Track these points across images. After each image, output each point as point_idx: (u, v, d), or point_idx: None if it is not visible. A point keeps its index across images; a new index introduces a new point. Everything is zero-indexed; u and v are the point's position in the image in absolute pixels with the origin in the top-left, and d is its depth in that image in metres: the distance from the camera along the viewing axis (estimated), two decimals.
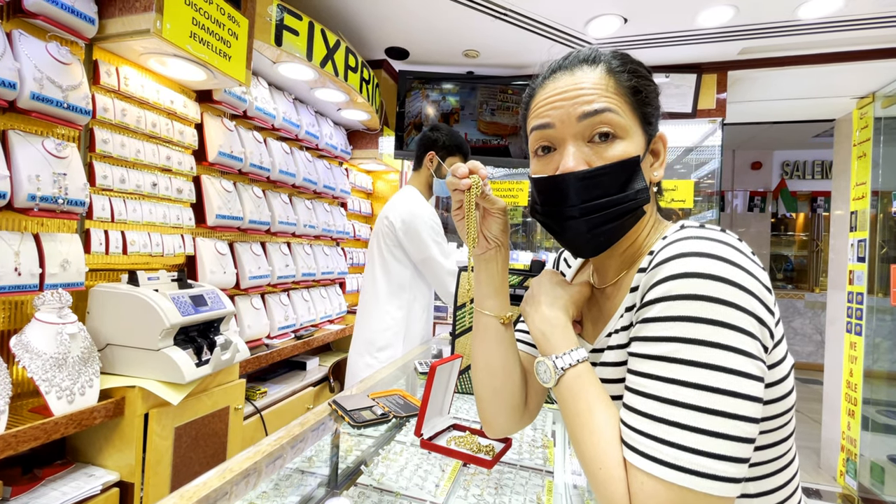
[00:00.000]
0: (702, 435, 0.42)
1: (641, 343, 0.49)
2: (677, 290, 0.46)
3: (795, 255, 6.31)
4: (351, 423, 0.97)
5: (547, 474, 1.04)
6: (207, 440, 1.60)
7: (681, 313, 0.45)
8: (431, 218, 1.82)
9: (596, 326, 0.65)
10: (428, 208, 1.85)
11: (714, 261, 0.46)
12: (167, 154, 1.74)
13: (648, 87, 0.59)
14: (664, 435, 0.44)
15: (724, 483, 0.42)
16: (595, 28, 2.44)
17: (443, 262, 1.80)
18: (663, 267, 0.48)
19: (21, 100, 1.24)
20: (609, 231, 0.57)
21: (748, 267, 0.46)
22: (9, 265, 1.22)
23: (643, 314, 0.49)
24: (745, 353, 0.44)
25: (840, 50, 2.53)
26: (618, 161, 0.55)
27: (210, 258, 1.93)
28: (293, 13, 2.02)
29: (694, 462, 0.42)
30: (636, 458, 0.45)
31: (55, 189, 1.31)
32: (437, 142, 1.89)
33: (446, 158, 1.89)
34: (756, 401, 0.43)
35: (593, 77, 0.57)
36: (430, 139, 1.90)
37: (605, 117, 0.55)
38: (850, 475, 2.80)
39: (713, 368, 0.43)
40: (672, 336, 0.46)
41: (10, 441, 1.09)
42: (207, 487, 0.69)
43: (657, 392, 0.45)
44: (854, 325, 2.83)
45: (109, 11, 1.43)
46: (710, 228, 0.51)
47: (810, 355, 5.80)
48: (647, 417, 0.46)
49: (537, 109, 0.60)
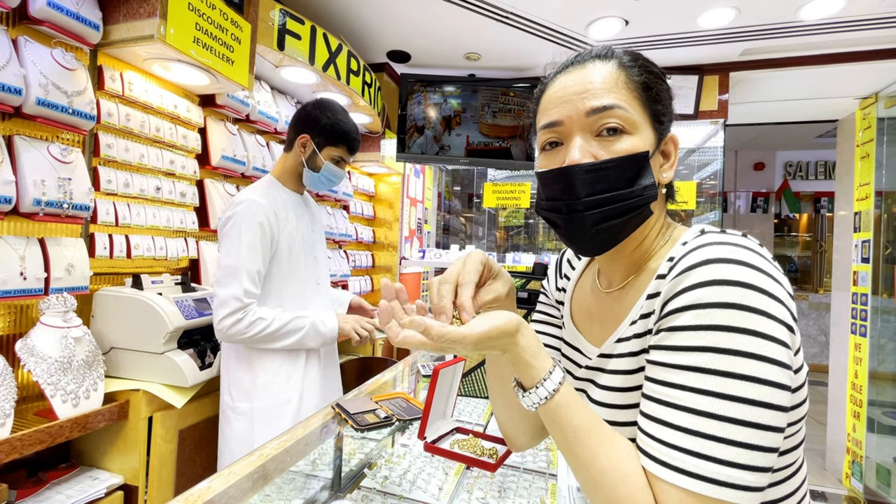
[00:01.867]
0: (736, 447, 0.42)
1: (669, 352, 0.47)
2: (707, 297, 0.45)
3: (799, 256, 6.28)
4: (354, 427, 0.97)
5: (550, 477, 1.04)
6: (211, 443, 1.60)
7: (712, 322, 0.44)
8: (264, 216, 1.38)
9: (603, 331, 0.63)
10: (269, 203, 1.41)
11: (743, 268, 0.44)
12: (171, 158, 1.75)
13: (660, 84, 0.58)
14: (700, 448, 0.43)
15: (749, 493, 0.42)
16: (596, 30, 2.44)
17: (233, 283, 1.33)
18: (689, 274, 0.47)
19: (27, 105, 1.25)
20: (613, 227, 0.55)
21: (775, 274, 0.46)
22: (14, 269, 1.23)
23: (669, 322, 0.47)
24: (778, 362, 0.43)
25: (842, 51, 2.52)
26: (626, 155, 0.54)
27: (213, 262, 1.94)
28: (295, 17, 2.03)
29: (725, 474, 0.42)
30: (667, 473, 0.44)
31: (60, 194, 1.32)
32: (316, 122, 1.47)
33: (324, 148, 1.49)
34: (785, 410, 0.43)
35: (604, 72, 0.56)
36: (308, 117, 1.48)
37: (614, 112, 0.54)
38: (856, 477, 2.78)
39: (749, 379, 0.42)
40: (705, 346, 0.44)
41: (16, 444, 1.09)
42: (212, 491, 0.69)
43: (692, 404, 0.44)
44: (858, 326, 2.82)
45: (114, 17, 1.44)
46: (732, 233, 0.50)
47: (815, 357, 5.78)
48: (680, 430, 0.44)
49: (547, 105, 0.59)
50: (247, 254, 1.35)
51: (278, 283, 1.46)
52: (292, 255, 1.47)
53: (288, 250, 1.46)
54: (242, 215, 1.37)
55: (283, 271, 1.47)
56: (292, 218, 1.48)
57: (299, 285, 1.51)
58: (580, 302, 0.71)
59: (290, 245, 1.46)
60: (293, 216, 1.49)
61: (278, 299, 1.47)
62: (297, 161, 1.51)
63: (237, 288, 1.34)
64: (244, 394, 1.42)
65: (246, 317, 1.34)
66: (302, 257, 1.52)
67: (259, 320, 1.35)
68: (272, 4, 1.94)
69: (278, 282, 1.46)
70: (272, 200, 1.43)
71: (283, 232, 1.44)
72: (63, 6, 1.29)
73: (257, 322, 1.35)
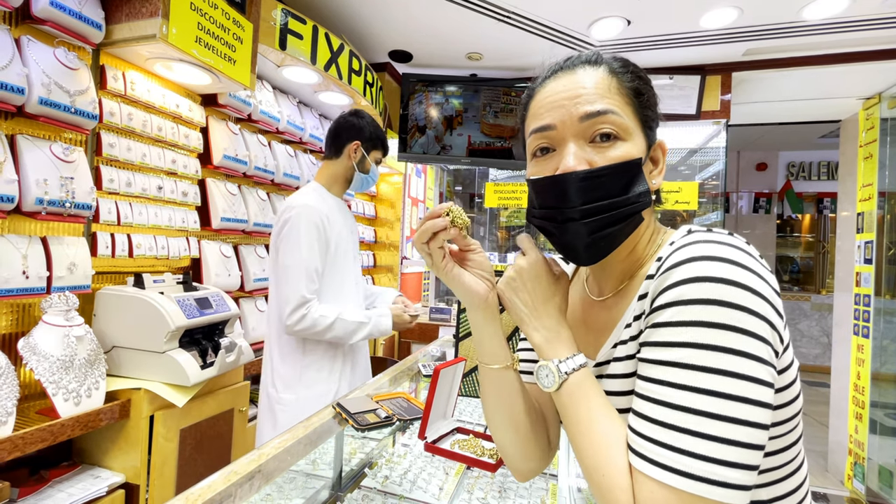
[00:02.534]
0: (714, 442, 0.42)
1: (652, 348, 0.48)
2: (689, 294, 0.45)
3: (801, 257, 6.27)
4: (355, 426, 0.97)
5: (551, 478, 1.04)
6: (212, 442, 1.61)
7: (693, 318, 0.44)
8: (318, 220, 1.48)
9: (598, 339, 0.63)
10: (322, 207, 1.52)
11: (726, 264, 0.45)
12: (172, 157, 1.76)
13: (649, 90, 0.59)
14: (675, 442, 0.43)
15: (734, 490, 0.41)
16: (598, 30, 2.44)
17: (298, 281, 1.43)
18: (674, 271, 0.47)
19: (29, 105, 1.25)
20: (609, 235, 0.56)
21: (759, 271, 0.46)
22: (16, 268, 1.23)
23: (653, 319, 0.48)
24: (758, 358, 0.43)
25: (846, 51, 2.51)
26: (621, 162, 0.54)
27: (215, 261, 1.94)
28: (297, 17, 2.03)
29: (705, 469, 0.42)
30: (644, 465, 0.45)
31: (62, 193, 1.32)
32: (361, 130, 1.61)
33: (370, 152, 1.64)
34: (767, 407, 0.43)
35: (595, 77, 0.56)
36: (354, 126, 1.61)
37: (608, 118, 0.54)
38: (858, 479, 2.77)
39: (727, 374, 0.43)
40: (684, 341, 0.45)
41: (18, 443, 1.10)
42: (213, 490, 0.69)
43: (669, 398, 0.45)
44: (861, 327, 2.81)
45: (116, 17, 1.45)
46: (719, 232, 0.50)
47: (817, 358, 5.76)
48: (658, 424, 0.45)
49: (537, 110, 0.59)
50: (306, 254, 1.46)
51: (329, 281, 1.55)
52: (339, 254, 1.58)
53: (335, 250, 1.56)
54: (299, 217, 1.47)
55: (334, 270, 1.57)
56: (338, 220, 1.59)
57: (345, 283, 1.61)
58: (569, 313, 0.69)
59: (337, 245, 1.57)
60: (339, 218, 1.60)
61: (334, 297, 1.56)
62: (347, 166, 1.63)
63: (300, 285, 1.44)
64: (289, 386, 1.51)
65: (310, 313, 1.44)
66: (347, 257, 1.63)
67: (322, 317, 1.45)
68: (274, 4, 1.94)
69: (329, 279, 1.55)
70: (322, 204, 1.54)
71: (332, 233, 1.54)
72: (66, 6, 1.30)
73: (321, 318, 1.45)
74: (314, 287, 1.47)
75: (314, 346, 1.52)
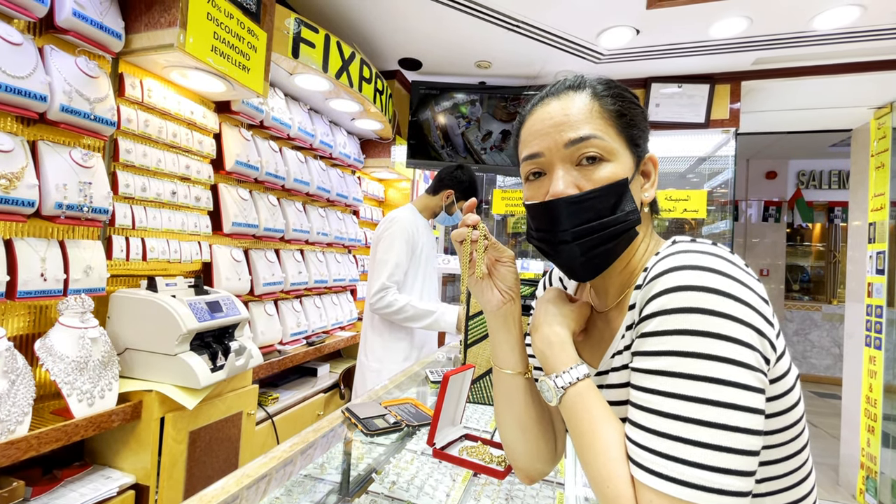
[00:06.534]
0: (705, 449, 0.42)
1: (641, 358, 0.49)
2: (672, 303, 0.46)
3: (812, 266, 6.19)
4: (364, 431, 0.98)
5: (558, 486, 1.04)
6: (221, 444, 1.62)
7: (676, 327, 0.46)
8: (410, 230, 1.96)
9: (600, 349, 0.65)
10: (413, 223, 2.00)
11: (707, 273, 0.46)
12: (186, 163, 1.79)
13: (634, 109, 0.60)
14: (668, 450, 0.44)
15: (731, 497, 0.42)
16: (607, 39, 2.45)
17: (384, 271, 1.89)
18: (657, 282, 0.49)
19: (51, 112, 1.29)
20: (602, 254, 0.58)
21: (742, 278, 0.47)
22: (35, 270, 1.26)
23: (641, 329, 0.50)
24: (743, 364, 0.44)
25: (856, 60, 2.50)
26: (606, 185, 0.56)
27: (226, 265, 1.97)
28: (310, 26, 2.07)
29: (699, 477, 0.42)
30: (642, 475, 0.45)
31: (81, 197, 1.35)
32: (461, 183, 2.04)
33: (459, 200, 2.07)
34: (758, 413, 0.43)
35: (578, 103, 0.59)
36: (455, 178, 2.05)
37: (592, 142, 0.57)
38: (870, 493, 2.72)
39: (712, 381, 0.43)
40: (669, 350, 0.46)
41: (33, 442, 1.12)
42: (225, 492, 0.70)
43: (658, 407, 0.46)
44: (873, 338, 2.77)
45: (136, 27, 1.48)
46: (702, 242, 0.52)
47: (828, 369, 5.67)
48: (649, 432, 0.46)
49: (527, 137, 0.62)
50: (396, 252, 1.92)
51: (412, 278, 2.01)
52: (421, 259, 2.04)
53: (419, 254, 2.03)
54: (398, 225, 1.96)
55: (417, 271, 2.03)
56: (424, 234, 2.08)
57: (423, 282, 2.07)
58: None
59: (420, 251, 2.04)
60: (424, 235, 2.09)
61: (413, 290, 2.01)
62: (438, 204, 2.09)
63: (384, 274, 1.90)
64: (376, 356, 2.00)
65: (387, 296, 1.89)
66: (427, 264, 2.10)
67: (395, 300, 1.89)
68: (288, 13, 1.98)
69: (412, 277, 2.02)
70: (414, 221, 2.03)
71: (418, 242, 2.02)
72: (88, 16, 1.33)
73: (394, 302, 1.89)
74: (395, 278, 1.91)
75: (398, 329, 1.98)
